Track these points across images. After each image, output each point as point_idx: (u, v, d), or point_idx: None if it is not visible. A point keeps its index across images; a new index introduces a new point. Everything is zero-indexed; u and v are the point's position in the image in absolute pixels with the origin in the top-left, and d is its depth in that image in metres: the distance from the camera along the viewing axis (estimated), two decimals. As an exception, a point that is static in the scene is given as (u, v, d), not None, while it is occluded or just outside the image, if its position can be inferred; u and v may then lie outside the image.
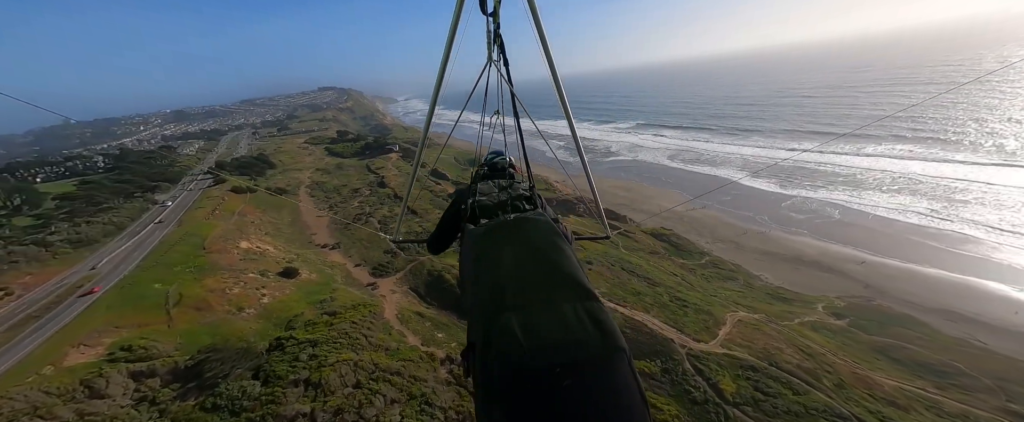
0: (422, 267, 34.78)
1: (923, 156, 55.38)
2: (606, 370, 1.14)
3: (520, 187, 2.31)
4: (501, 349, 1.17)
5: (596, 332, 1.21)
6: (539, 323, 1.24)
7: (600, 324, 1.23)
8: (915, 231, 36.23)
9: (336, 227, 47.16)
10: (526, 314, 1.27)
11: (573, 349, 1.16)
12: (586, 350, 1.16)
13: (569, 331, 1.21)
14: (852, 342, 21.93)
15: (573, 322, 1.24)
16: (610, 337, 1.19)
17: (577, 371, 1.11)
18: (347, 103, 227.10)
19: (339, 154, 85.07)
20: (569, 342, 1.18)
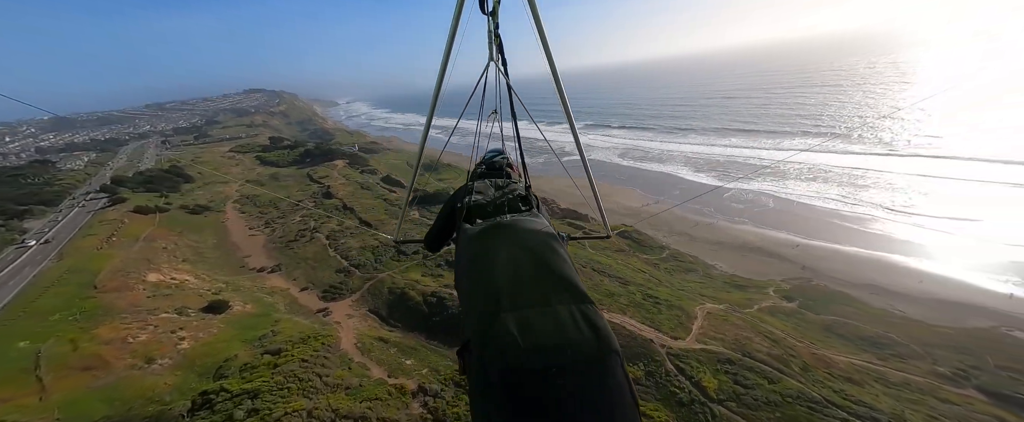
0: (381, 285, 31.45)
1: (826, 149, 63.61)
2: (600, 372, 1.14)
3: (517, 187, 2.30)
4: (498, 349, 1.18)
5: (591, 334, 1.22)
6: (535, 324, 1.25)
7: (595, 327, 1.24)
8: (832, 215, 40.94)
9: (274, 246, 41.36)
10: (523, 315, 1.28)
11: (568, 351, 1.17)
12: (581, 352, 1.17)
13: (565, 333, 1.22)
14: (804, 323, 23.59)
15: (569, 324, 1.25)
16: (605, 340, 1.20)
17: (572, 372, 1.12)
18: (280, 106, 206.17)
19: (273, 163, 76.00)
20: (565, 344, 1.18)
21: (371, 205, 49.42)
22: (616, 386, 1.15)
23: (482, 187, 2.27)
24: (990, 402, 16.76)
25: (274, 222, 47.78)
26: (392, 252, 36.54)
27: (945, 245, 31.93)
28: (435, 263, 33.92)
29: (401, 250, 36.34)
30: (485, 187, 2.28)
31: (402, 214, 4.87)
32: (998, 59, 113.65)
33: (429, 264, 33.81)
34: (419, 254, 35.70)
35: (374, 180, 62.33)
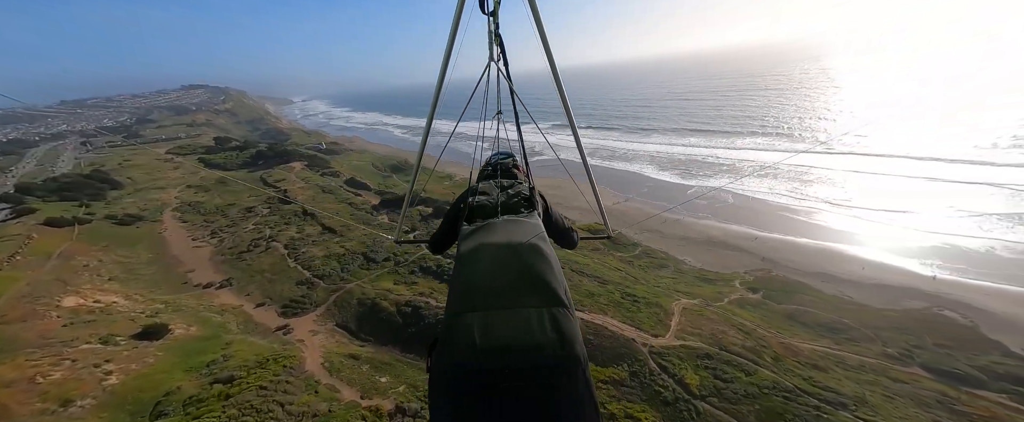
0: (350, 296, 29.17)
1: (773, 147, 68.73)
2: (558, 377, 1.12)
3: (522, 188, 2.29)
4: (455, 348, 1.18)
5: (555, 338, 1.20)
6: (499, 325, 1.24)
7: (560, 331, 1.23)
8: (783, 209, 44.00)
9: (223, 259, 37.22)
10: (489, 315, 1.28)
11: (527, 353, 1.15)
12: (540, 356, 1.15)
13: (528, 335, 1.21)
14: (770, 313, 24.85)
15: (534, 326, 1.23)
16: (567, 345, 1.18)
17: (527, 375, 1.11)
18: (226, 104, 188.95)
19: (220, 166, 69.04)
20: (525, 346, 1.17)
21: (335, 210, 46.09)
22: (574, 392, 1.12)
23: (487, 188, 2.29)
24: (933, 378, 18.44)
25: (222, 231, 43.11)
26: (360, 260, 34.18)
27: (880, 234, 35.28)
28: (408, 270, 32.13)
29: (372, 258, 34.04)
30: (490, 188, 2.29)
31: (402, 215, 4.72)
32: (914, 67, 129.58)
33: (402, 271, 31.95)
34: (390, 261, 33.69)
35: (337, 183, 58.44)
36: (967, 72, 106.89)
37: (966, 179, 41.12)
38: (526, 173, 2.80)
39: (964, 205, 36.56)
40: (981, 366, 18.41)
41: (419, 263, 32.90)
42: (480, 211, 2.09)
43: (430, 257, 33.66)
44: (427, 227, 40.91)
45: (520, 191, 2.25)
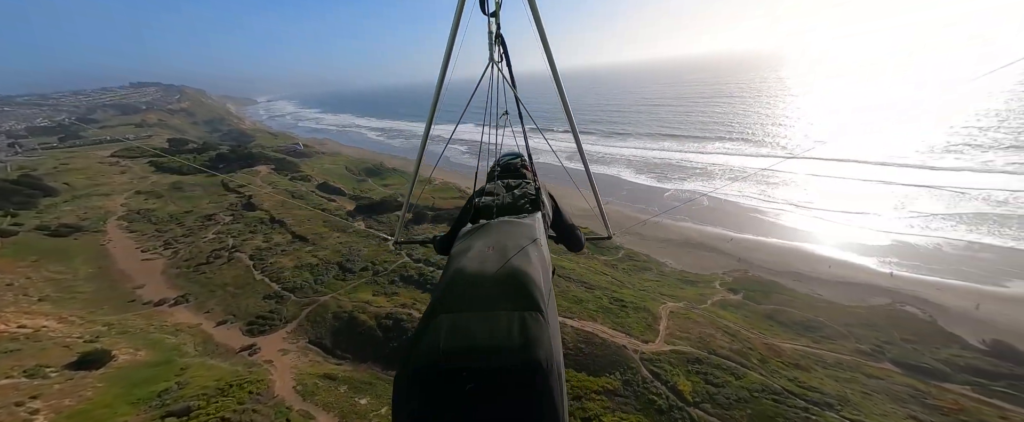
0: (324, 310, 27.10)
1: (739, 152, 72.09)
2: (518, 382, 1.11)
3: (529, 188, 2.29)
4: (421, 348, 1.18)
5: (519, 343, 1.18)
6: (466, 327, 1.23)
7: (526, 335, 1.21)
8: (754, 210, 45.89)
9: (178, 272, 33.75)
10: (460, 317, 1.27)
11: (489, 356, 1.14)
12: (501, 359, 1.14)
13: (493, 338, 1.19)
14: (751, 314, 25.43)
15: (502, 330, 1.22)
16: (530, 350, 1.17)
17: (486, 379, 1.10)
18: (182, 103, 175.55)
19: (175, 170, 63.33)
20: (487, 349, 1.16)
21: (306, 217, 43.22)
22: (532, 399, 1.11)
23: (494, 189, 2.30)
24: (903, 373, 19.36)
25: (177, 241, 39.23)
26: (335, 270, 32.03)
27: (840, 234, 37.42)
28: (388, 280, 30.43)
29: (349, 267, 31.95)
30: (497, 188, 2.30)
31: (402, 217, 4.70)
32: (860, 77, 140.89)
33: (381, 281, 30.20)
34: (368, 270, 31.81)
35: (308, 188, 55.12)
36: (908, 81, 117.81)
37: (912, 182, 44.63)
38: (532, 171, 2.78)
39: (912, 206, 39.57)
40: (944, 359, 19.56)
41: (399, 272, 31.27)
42: (485, 212, 2.10)
43: (411, 266, 32.10)
44: (406, 231, 39.16)
45: (526, 192, 2.24)
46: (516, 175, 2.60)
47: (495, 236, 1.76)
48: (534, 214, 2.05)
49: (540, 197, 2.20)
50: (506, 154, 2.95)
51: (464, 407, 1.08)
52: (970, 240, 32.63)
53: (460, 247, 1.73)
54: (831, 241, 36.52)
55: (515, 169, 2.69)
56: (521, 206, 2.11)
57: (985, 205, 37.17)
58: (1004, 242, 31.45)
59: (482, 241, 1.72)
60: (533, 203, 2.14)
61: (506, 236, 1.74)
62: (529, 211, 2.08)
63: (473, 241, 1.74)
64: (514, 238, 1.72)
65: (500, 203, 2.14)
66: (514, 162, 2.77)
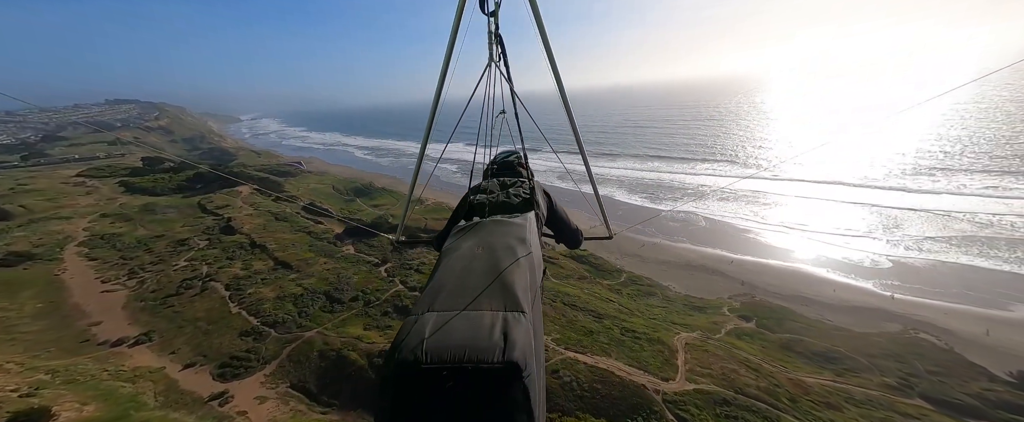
0: (310, 348, 24.29)
1: (727, 173, 73.44)
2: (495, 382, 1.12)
3: (524, 186, 2.31)
4: (404, 346, 1.18)
5: (499, 343, 1.19)
6: (448, 326, 1.24)
7: (507, 335, 1.22)
8: (749, 231, 45.75)
9: (143, 305, 30.21)
10: (444, 316, 1.29)
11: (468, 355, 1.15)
12: (480, 359, 1.14)
13: (474, 337, 1.20)
14: (767, 344, 24.19)
15: (483, 330, 1.23)
16: (509, 350, 1.18)
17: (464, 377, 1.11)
18: (160, 121, 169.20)
19: (148, 190, 59.25)
20: (467, 348, 1.16)
21: (290, 241, 40.31)
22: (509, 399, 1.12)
23: (490, 186, 2.31)
24: (936, 410, 18.28)
25: (144, 270, 35.57)
26: (322, 301, 29.30)
27: (839, 256, 37.33)
28: (381, 311, 27.92)
29: (337, 297, 29.25)
30: (493, 186, 2.30)
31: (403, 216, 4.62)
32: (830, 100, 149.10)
33: (373, 313, 27.66)
34: (359, 300, 29.22)
35: (293, 209, 52.08)
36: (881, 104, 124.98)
37: (898, 204, 45.66)
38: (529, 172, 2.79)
39: (905, 228, 40.12)
40: (975, 394, 18.65)
41: (393, 301, 28.82)
42: (479, 209, 2.12)
43: (405, 295, 29.73)
44: (398, 255, 36.82)
45: (521, 190, 2.26)
46: (513, 173, 2.62)
47: (485, 235, 1.77)
48: (527, 213, 2.08)
49: (534, 196, 2.23)
50: (503, 151, 2.93)
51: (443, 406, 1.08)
52: (964, 263, 32.93)
53: (451, 245, 1.74)
54: (829, 263, 36.31)
55: (512, 167, 2.69)
56: (515, 205, 2.15)
57: (970, 227, 38.05)
58: (998, 264, 31.82)
59: (472, 240, 1.74)
60: (526, 202, 2.18)
61: (496, 235, 1.76)
62: (522, 210, 2.11)
63: (464, 240, 1.76)
64: (503, 238, 1.74)
65: (494, 201, 2.16)
66: (510, 159, 2.76)
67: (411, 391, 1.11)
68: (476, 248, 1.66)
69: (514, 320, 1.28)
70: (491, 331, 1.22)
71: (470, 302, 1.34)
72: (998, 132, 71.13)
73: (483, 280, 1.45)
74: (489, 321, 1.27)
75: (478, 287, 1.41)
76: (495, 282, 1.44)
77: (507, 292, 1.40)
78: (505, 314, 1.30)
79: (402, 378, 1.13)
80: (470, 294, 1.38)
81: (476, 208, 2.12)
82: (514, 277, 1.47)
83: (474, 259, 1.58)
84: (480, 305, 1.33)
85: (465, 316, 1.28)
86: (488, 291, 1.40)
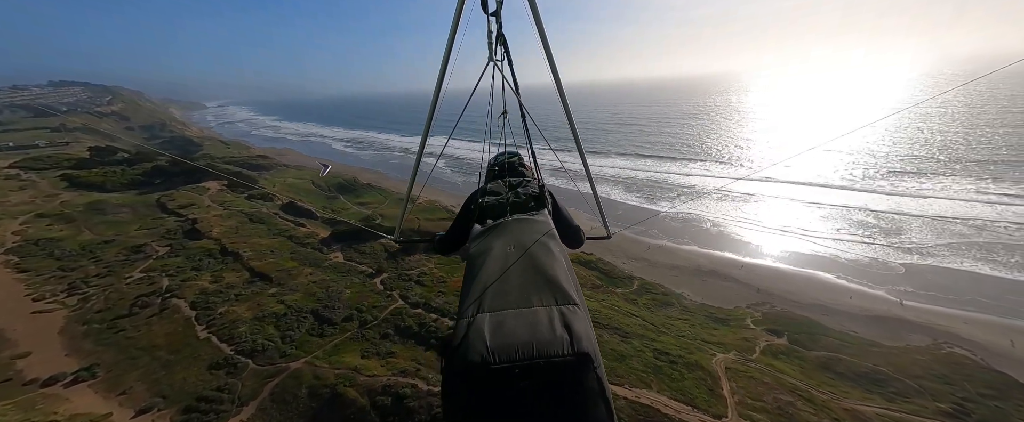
0: (297, 383, 20.18)
1: (718, 173, 72.94)
2: (568, 375, 1.13)
3: (531, 186, 2.34)
4: (468, 348, 1.18)
5: (564, 336, 1.20)
6: (508, 324, 1.24)
7: (569, 328, 1.23)
8: (753, 232, 44.61)
9: (85, 330, 24.82)
10: (500, 316, 1.29)
11: (537, 351, 1.15)
12: (550, 353, 1.15)
13: (536, 333, 1.20)
14: (805, 364, 22.38)
15: (543, 325, 1.24)
16: (577, 342, 1.19)
17: (538, 374, 1.11)
18: (114, 105, 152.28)
19: (96, 185, 51.32)
20: (535, 345, 1.17)
21: (268, 247, 35.19)
22: (586, 390, 1.13)
23: (496, 187, 2.33)
24: (1002, 440, 16.82)
25: (88, 284, 29.71)
26: (309, 321, 25.02)
27: (847, 261, 36.53)
28: (379, 332, 24.02)
29: (327, 317, 24.98)
30: (499, 187, 2.33)
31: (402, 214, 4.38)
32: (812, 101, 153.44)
33: (371, 335, 23.72)
34: (353, 320, 25.14)
35: (270, 209, 46.30)
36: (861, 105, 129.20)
37: (893, 210, 45.70)
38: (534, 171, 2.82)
39: (905, 234, 39.85)
40: (1038, 421, 17.38)
41: (393, 321, 24.96)
42: (491, 211, 2.13)
43: (407, 312, 25.91)
44: (395, 263, 32.75)
45: (529, 189, 2.28)
46: (516, 173, 2.62)
47: (513, 235, 1.78)
48: (543, 210, 2.12)
49: (544, 194, 2.26)
50: (504, 152, 2.94)
51: (520, 403, 1.08)
52: (967, 268, 32.70)
53: (479, 247, 1.74)
54: (839, 268, 35.40)
55: (514, 167, 2.69)
56: (526, 204, 2.15)
57: (966, 229, 38.29)
58: (1001, 270, 31.72)
59: (501, 240, 1.74)
60: (538, 200, 2.19)
61: (523, 234, 1.77)
62: (535, 208, 2.14)
63: (491, 241, 1.76)
64: (532, 235, 1.75)
65: (505, 202, 2.16)
66: (512, 160, 2.77)
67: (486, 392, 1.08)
68: (508, 247, 1.65)
69: (570, 313, 1.29)
70: (552, 325, 1.22)
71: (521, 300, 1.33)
72: (969, 136, 74.11)
73: (526, 277, 1.45)
74: (545, 316, 1.27)
75: (523, 285, 1.41)
76: (539, 278, 1.45)
77: (554, 286, 1.41)
78: (559, 308, 1.30)
79: (474, 381, 1.10)
80: (516, 292, 1.38)
81: (488, 210, 2.12)
82: (556, 271, 1.49)
83: (509, 258, 1.57)
84: (531, 302, 1.33)
85: (520, 314, 1.28)
86: (534, 287, 1.40)
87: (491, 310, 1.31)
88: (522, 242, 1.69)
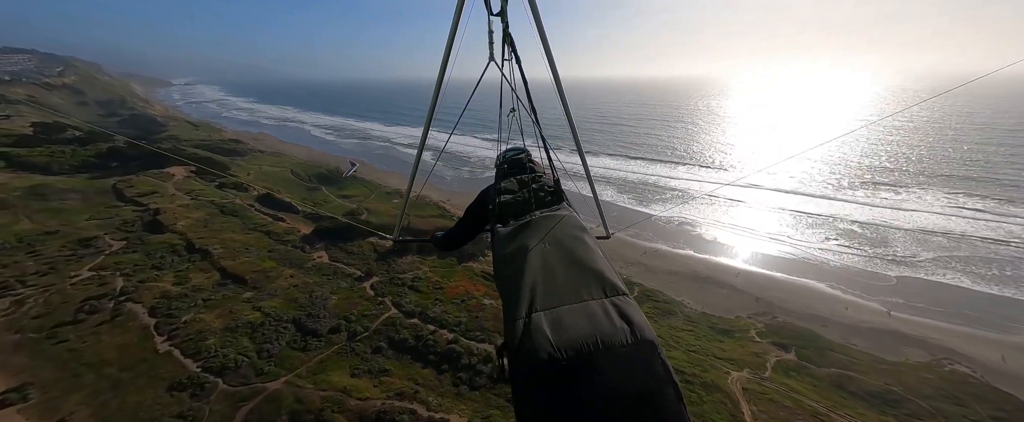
0: (277, 407, 17.34)
1: (704, 177, 73.14)
2: (636, 362, 1.14)
3: (546, 180, 2.31)
4: (532, 347, 1.19)
5: (624, 326, 1.22)
6: (567, 320, 1.26)
7: (627, 318, 1.25)
8: (745, 238, 44.39)
9: (19, 340, 20.76)
10: (556, 313, 1.30)
11: (602, 344, 1.16)
12: (614, 344, 1.17)
13: (597, 326, 1.22)
14: (817, 382, 21.61)
15: (601, 317, 1.25)
16: (638, 331, 1.20)
17: (608, 364, 1.12)
18: (66, 77, 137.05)
19: (40, 167, 44.79)
20: (597, 337, 1.18)
21: (242, 244, 31.32)
22: (655, 376, 1.13)
23: (509, 185, 2.27)
24: (1020, 467, 16.41)
25: (25, 283, 25.21)
26: (290, 332, 21.97)
27: (837, 270, 36.66)
28: (370, 346, 21.33)
29: (311, 328, 21.99)
30: (512, 185, 2.27)
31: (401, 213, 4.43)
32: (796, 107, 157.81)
33: (361, 349, 21.00)
34: (340, 331, 22.29)
35: (244, 200, 41.80)
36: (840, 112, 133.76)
37: (875, 220, 46.65)
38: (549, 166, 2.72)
39: (890, 246, 40.53)
40: (1051, 446, 17.15)
41: (386, 333, 22.31)
42: (510, 210, 2.08)
43: (401, 322, 23.30)
44: (386, 266, 29.88)
45: (545, 184, 2.24)
46: (524, 170, 2.55)
47: (544, 231, 1.75)
48: (562, 204, 2.10)
49: (560, 188, 2.23)
50: (509, 150, 2.89)
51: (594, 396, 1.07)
52: (949, 281, 33.39)
53: (513, 247, 1.72)
54: (830, 277, 35.47)
55: (522, 164, 2.63)
56: (543, 199, 2.11)
57: (947, 242, 39.33)
58: (984, 285, 32.46)
59: (535, 238, 1.71)
60: (555, 195, 2.16)
61: (556, 230, 1.74)
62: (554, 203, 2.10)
63: (523, 239, 1.73)
64: (565, 230, 1.73)
65: (522, 199, 2.12)
66: (520, 158, 2.71)
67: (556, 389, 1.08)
68: (544, 244, 1.64)
69: (624, 303, 1.31)
70: (609, 317, 1.24)
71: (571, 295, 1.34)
72: (935, 150, 77.59)
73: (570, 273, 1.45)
74: (600, 309, 1.28)
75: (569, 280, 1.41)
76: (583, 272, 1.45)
77: (600, 279, 1.41)
78: (610, 299, 1.32)
79: (543, 379, 1.10)
80: (565, 288, 1.38)
81: (507, 209, 2.07)
82: (598, 264, 1.49)
83: (547, 255, 1.56)
84: (581, 296, 1.34)
85: (574, 309, 1.29)
86: (582, 282, 1.40)
87: (544, 308, 1.30)
88: (557, 238, 1.66)
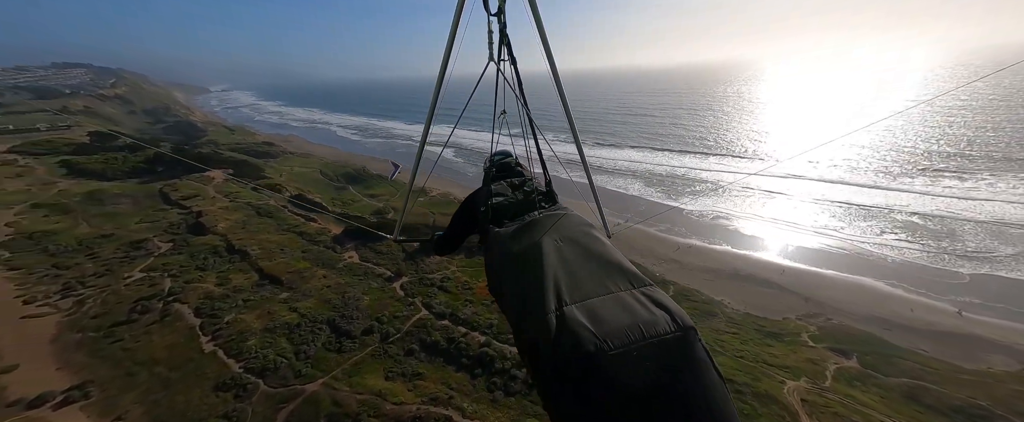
0: (315, 410, 17.39)
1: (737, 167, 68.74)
2: (680, 348, 1.15)
3: (537, 183, 2.37)
4: (574, 340, 1.17)
5: (663, 313, 1.22)
6: (602, 312, 1.24)
7: (664, 306, 1.26)
8: (787, 232, 41.19)
9: (80, 339, 21.96)
10: (588, 305, 1.28)
11: (644, 331, 1.16)
12: (656, 331, 1.17)
13: (636, 316, 1.21)
14: (888, 393, 19.46)
15: (637, 307, 1.25)
16: (678, 317, 1.21)
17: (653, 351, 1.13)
18: (117, 89, 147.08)
19: (96, 173, 47.96)
20: (639, 326, 1.18)
21: (277, 244, 32.07)
22: (698, 360, 1.14)
23: (500, 189, 2.30)
24: None
25: (84, 284, 26.78)
26: (325, 333, 22.07)
27: (898, 267, 33.26)
28: (403, 348, 21.06)
29: (345, 329, 22.01)
30: (503, 188, 2.30)
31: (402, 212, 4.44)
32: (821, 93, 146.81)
33: (394, 352, 20.77)
34: (373, 333, 22.18)
35: (278, 201, 43.02)
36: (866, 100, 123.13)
37: (938, 211, 42.03)
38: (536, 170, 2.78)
39: (959, 240, 36.37)
40: None
41: (417, 335, 21.99)
42: (504, 212, 2.10)
43: (432, 324, 22.92)
44: (414, 266, 29.70)
45: (536, 187, 2.31)
46: (513, 173, 2.56)
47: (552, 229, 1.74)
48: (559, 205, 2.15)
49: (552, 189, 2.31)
50: (497, 154, 2.88)
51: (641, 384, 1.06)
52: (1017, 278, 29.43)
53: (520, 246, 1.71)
54: (890, 275, 32.19)
55: (510, 167, 2.65)
56: (536, 201, 2.15)
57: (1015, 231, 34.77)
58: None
59: (543, 236, 1.70)
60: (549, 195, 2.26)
61: (564, 227, 1.76)
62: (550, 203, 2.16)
63: (533, 238, 1.71)
64: (574, 226, 1.76)
65: (516, 200, 2.14)
66: (508, 161, 2.73)
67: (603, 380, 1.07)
68: (556, 241, 1.63)
69: (654, 292, 1.31)
70: (644, 307, 1.24)
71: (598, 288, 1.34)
72: (999, 132, 69.27)
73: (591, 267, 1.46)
74: (631, 299, 1.27)
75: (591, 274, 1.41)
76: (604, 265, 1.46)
77: (623, 271, 1.42)
78: (639, 290, 1.32)
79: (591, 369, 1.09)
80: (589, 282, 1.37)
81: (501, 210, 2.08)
82: (617, 257, 1.52)
83: (562, 251, 1.55)
84: (608, 288, 1.34)
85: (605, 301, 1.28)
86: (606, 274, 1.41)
87: (574, 302, 1.28)
88: (568, 235, 1.65)
